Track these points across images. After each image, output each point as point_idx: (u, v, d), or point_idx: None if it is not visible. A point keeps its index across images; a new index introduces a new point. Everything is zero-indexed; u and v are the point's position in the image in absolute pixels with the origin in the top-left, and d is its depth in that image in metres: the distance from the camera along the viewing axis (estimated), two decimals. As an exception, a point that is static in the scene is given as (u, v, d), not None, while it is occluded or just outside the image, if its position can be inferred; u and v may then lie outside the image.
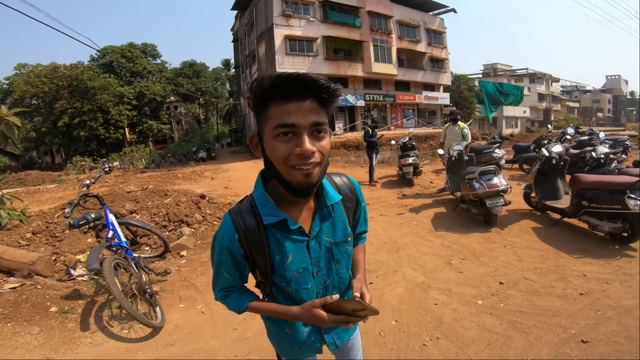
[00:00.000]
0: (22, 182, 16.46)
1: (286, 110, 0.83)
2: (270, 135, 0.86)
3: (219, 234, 1.03)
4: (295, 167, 0.85)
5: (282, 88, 0.83)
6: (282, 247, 0.99)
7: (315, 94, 0.84)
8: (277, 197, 0.98)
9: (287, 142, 0.84)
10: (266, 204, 0.98)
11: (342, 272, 1.11)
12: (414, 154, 8.50)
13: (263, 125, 0.89)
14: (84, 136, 29.11)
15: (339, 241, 1.07)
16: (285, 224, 0.97)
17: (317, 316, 0.93)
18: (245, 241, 0.98)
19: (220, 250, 1.03)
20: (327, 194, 1.03)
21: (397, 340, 2.66)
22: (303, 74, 0.82)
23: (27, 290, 3.37)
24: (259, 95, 0.86)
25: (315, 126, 0.85)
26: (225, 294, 1.11)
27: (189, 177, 12.60)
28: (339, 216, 1.07)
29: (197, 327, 3.02)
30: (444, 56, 28.76)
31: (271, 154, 0.88)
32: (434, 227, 5.17)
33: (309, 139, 0.84)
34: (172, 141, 38.61)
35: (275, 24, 20.25)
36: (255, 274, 1.10)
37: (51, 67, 28.28)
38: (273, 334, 1.22)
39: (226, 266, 1.04)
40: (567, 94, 59.74)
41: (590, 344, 2.41)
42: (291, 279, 1.02)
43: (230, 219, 1.00)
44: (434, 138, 19.27)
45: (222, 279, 1.09)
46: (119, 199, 6.10)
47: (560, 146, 5.20)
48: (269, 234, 0.98)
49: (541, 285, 3.27)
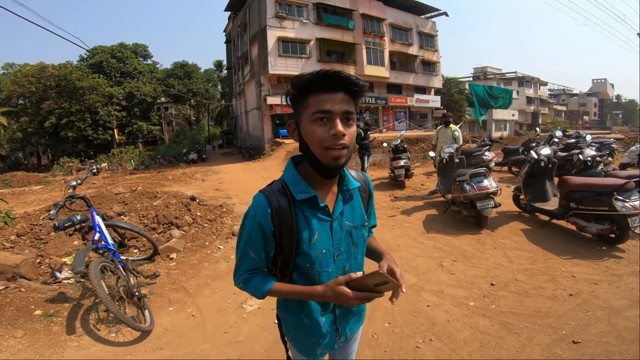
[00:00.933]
0: (8, 184, 16.04)
1: (323, 100, 0.98)
2: (308, 121, 1.00)
3: (252, 211, 1.09)
4: (329, 148, 0.98)
5: (320, 81, 0.98)
6: (309, 224, 1.08)
7: (347, 88, 0.99)
8: (307, 179, 1.09)
9: (322, 126, 0.99)
10: (298, 183, 1.09)
11: (359, 257, 1.19)
12: (405, 156, 8.54)
13: (301, 113, 1.03)
14: (72, 137, 28.59)
15: (358, 225, 1.17)
16: (314, 201, 1.08)
17: (342, 293, 0.98)
18: (277, 218, 1.06)
19: (252, 228, 1.08)
20: (348, 179, 1.16)
21: (390, 342, 2.65)
22: (339, 71, 0.98)
23: (11, 293, 3.27)
24: (300, 87, 1.00)
25: (346, 114, 1.00)
26: (248, 276, 1.15)
27: (179, 179, 12.45)
28: (357, 201, 1.19)
29: (187, 331, 2.97)
30: (435, 59, 29.04)
31: (308, 136, 1.01)
32: (426, 229, 5.19)
33: (340, 123, 0.99)
34: (163, 142, 38.19)
35: (269, 26, 20.21)
36: (276, 262, 1.15)
37: (39, 66, 27.77)
38: (290, 326, 1.25)
39: (254, 244, 1.10)
40: (554, 98, 60.79)
41: (581, 345, 2.43)
42: (315, 260, 1.09)
43: (264, 197, 1.08)
44: (425, 141, 19.40)
45: (247, 260, 1.13)
46: (106, 201, 6.00)
47: (549, 149, 5.27)
48: (298, 211, 1.08)
49: (531, 287, 3.30)
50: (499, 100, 37.38)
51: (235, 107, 30.93)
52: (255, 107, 22.44)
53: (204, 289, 3.71)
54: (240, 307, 3.29)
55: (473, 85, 37.29)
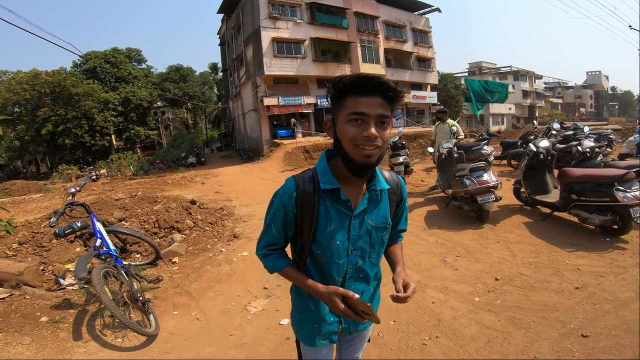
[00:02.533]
0: (7, 192, 15.98)
1: (359, 102, 1.02)
2: (344, 120, 1.05)
3: (280, 192, 1.19)
4: (360, 146, 1.03)
5: (359, 85, 1.03)
6: (328, 214, 1.14)
7: (384, 93, 1.03)
8: (337, 173, 1.15)
9: (357, 126, 1.03)
10: (326, 174, 1.15)
11: (374, 257, 1.24)
12: (404, 153, 8.52)
13: (338, 113, 1.08)
14: (69, 144, 28.39)
15: (379, 226, 1.21)
16: (337, 194, 1.14)
17: (334, 302, 1.08)
18: (301, 202, 1.14)
19: (278, 206, 1.18)
20: (378, 180, 1.19)
21: (396, 340, 2.65)
22: (378, 77, 1.03)
23: (16, 301, 3.26)
24: (340, 89, 1.06)
25: (381, 118, 1.04)
26: (267, 252, 1.25)
27: (178, 182, 12.43)
28: (384, 203, 1.22)
29: (192, 334, 2.97)
30: (430, 55, 29.09)
31: (342, 134, 1.06)
32: (427, 225, 5.18)
33: (374, 126, 1.02)
34: (161, 147, 38.02)
35: (263, 27, 20.18)
36: (296, 244, 1.24)
37: (32, 73, 27.47)
38: (297, 309, 1.34)
39: (277, 222, 1.19)
40: (550, 91, 60.92)
41: (591, 338, 2.41)
42: (327, 249, 1.16)
43: (294, 181, 1.17)
44: (423, 137, 19.45)
45: (269, 234, 1.23)
46: (107, 207, 5.97)
47: (547, 141, 5.26)
48: (320, 200, 1.14)
49: (537, 280, 3.30)
50: (495, 95, 37.44)
51: (232, 109, 30.88)
52: (252, 109, 22.42)
53: (208, 292, 3.70)
54: (244, 309, 3.29)
55: (469, 80, 37.34)
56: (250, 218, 6.39)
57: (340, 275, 1.21)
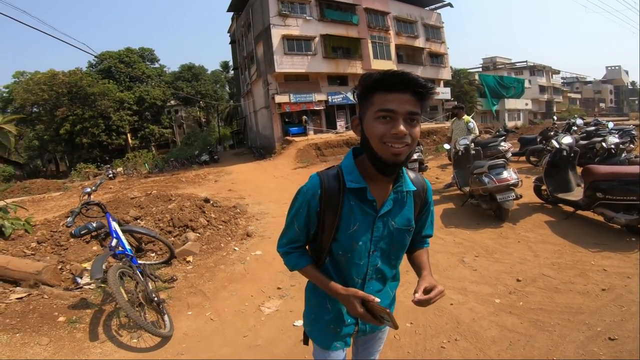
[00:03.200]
0: (28, 191, 16.43)
1: (388, 99, 0.99)
2: (371, 117, 1.02)
3: (304, 189, 1.16)
4: (388, 144, 0.99)
5: (387, 81, 0.99)
6: (352, 214, 1.11)
7: (414, 90, 0.99)
8: (363, 172, 1.11)
9: (385, 124, 0.99)
10: (352, 172, 1.12)
11: (393, 259, 1.21)
12: (418, 149, 8.38)
13: (366, 110, 1.04)
14: (87, 143, 29.05)
15: (402, 228, 1.17)
16: (364, 193, 1.10)
17: (353, 305, 1.07)
18: (325, 200, 1.12)
19: (301, 203, 1.15)
20: (404, 180, 1.15)
21: (413, 343, 2.58)
22: (406, 73, 0.99)
23: (34, 300, 3.30)
24: (367, 86, 1.03)
25: (410, 115, 1.00)
26: (289, 250, 1.23)
27: (192, 180, 12.54)
28: (408, 205, 1.18)
29: (206, 335, 2.95)
30: (442, 51, 28.64)
31: (369, 132, 1.03)
32: (444, 224, 5.07)
33: (403, 123, 0.99)
34: (175, 145, 38.53)
35: (272, 24, 20.16)
36: (315, 242, 1.22)
37: (50, 74, 28.12)
38: (312, 309, 1.31)
39: (300, 219, 1.16)
40: (568, 86, 59.37)
41: (618, 342, 2.32)
42: (348, 249, 1.13)
43: (319, 178, 1.14)
44: (437, 133, 19.14)
45: (291, 231, 1.20)
46: (123, 206, 6.04)
47: (570, 137, 5.08)
48: (345, 199, 1.11)
49: (560, 282, 3.17)
50: (511, 90, 36.65)
51: (244, 107, 31.03)
52: (264, 106, 22.46)
53: (222, 292, 3.69)
54: (258, 310, 3.26)
55: (483, 75, 36.62)
56: (263, 216, 6.37)
57: (360, 276, 1.18)
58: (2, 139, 25.24)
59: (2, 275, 3.69)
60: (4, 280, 3.67)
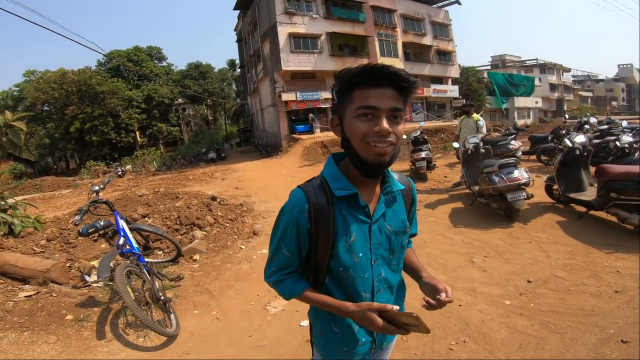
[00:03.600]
0: (38, 188, 16.65)
1: (369, 95, 0.92)
2: (352, 115, 0.95)
3: (289, 206, 1.04)
4: (371, 143, 0.92)
5: (367, 76, 0.92)
6: (347, 225, 1.02)
7: (396, 84, 0.93)
8: (348, 177, 1.04)
9: (367, 122, 0.93)
10: (339, 179, 1.03)
11: (393, 264, 1.12)
12: (426, 147, 8.30)
13: (345, 108, 0.98)
14: (96, 141, 29.40)
15: (399, 231, 1.10)
16: (355, 200, 1.02)
17: (371, 320, 0.94)
18: (314, 215, 1.01)
19: (287, 223, 1.04)
20: (392, 180, 1.09)
21: (420, 344, 2.54)
22: (387, 66, 0.92)
23: (43, 298, 3.33)
24: (346, 81, 0.96)
25: (393, 111, 0.93)
26: (279, 278, 1.11)
27: (199, 178, 12.60)
28: (399, 205, 1.12)
29: (212, 335, 2.95)
30: (450, 49, 28.40)
31: (351, 131, 0.96)
32: (453, 224, 5.00)
33: (386, 120, 0.92)
34: (182, 143, 38.83)
35: (279, 22, 20.15)
36: (309, 263, 1.10)
37: (60, 72, 28.49)
38: (320, 334, 1.18)
39: (289, 241, 1.05)
40: (579, 84, 58.40)
41: (631, 344, 2.27)
42: (350, 264, 1.03)
43: (303, 192, 1.03)
44: (444, 131, 18.96)
45: (279, 257, 1.08)
46: (131, 203, 6.08)
47: (584, 136, 4.97)
48: (336, 210, 1.02)
49: (572, 283, 3.10)
50: (521, 88, 36.20)
51: (251, 105, 31.09)
52: (271, 104, 22.48)
53: (228, 291, 3.68)
54: (264, 309, 3.24)
55: (492, 73, 36.21)
56: (269, 214, 6.36)
57: (368, 290, 1.06)
58: (12, 136, 25.56)
59: (11, 273, 3.73)
60: (13, 278, 3.71)
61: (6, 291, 3.47)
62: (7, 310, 3.13)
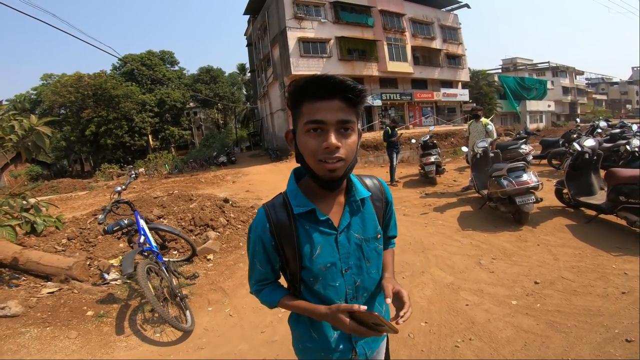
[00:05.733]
0: (55, 190, 17.05)
1: (316, 108, 0.90)
2: (302, 131, 0.94)
3: (253, 226, 1.08)
4: (323, 160, 0.91)
5: (313, 88, 0.91)
6: (310, 238, 1.02)
7: (343, 95, 0.91)
8: (309, 191, 1.04)
9: (316, 137, 0.91)
10: (297, 196, 1.04)
11: (372, 271, 1.11)
12: (435, 152, 8.35)
13: (296, 122, 0.97)
14: (111, 144, 30.01)
15: (369, 237, 1.09)
16: (314, 215, 1.02)
17: (341, 321, 0.94)
18: (276, 232, 1.03)
19: (254, 241, 1.07)
20: (356, 189, 1.07)
21: (427, 342, 2.60)
22: (332, 76, 0.90)
23: (65, 295, 3.48)
24: (294, 95, 0.95)
25: (342, 124, 0.91)
26: (259, 287, 1.15)
27: (211, 181, 12.79)
28: (368, 212, 1.10)
29: (225, 331, 3.05)
30: (460, 52, 28.20)
31: (302, 148, 0.95)
32: (461, 226, 5.05)
33: (335, 135, 0.90)
34: (193, 146, 39.35)
35: (288, 27, 20.34)
36: (285, 273, 1.13)
37: (76, 76, 29.11)
38: (299, 340, 1.19)
39: (259, 257, 1.08)
40: (593, 87, 57.40)
41: (635, 343, 2.31)
42: (319, 274, 1.03)
43: (264, 211, 1.06)
44: (454, 135, 18.90)
45: (256, 271, 1.12)
46: (146, 205, 6.27)
47: (593, 140, 4.96)
48: (298, 225, 1.03)
49: (580, 285, 3.13)
50: (532, 92, 35.75)
51: (261, 109, 31.37)
52: (280, 109, 22.67)
53: (240, 289, 3.79)
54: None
55: (503, 77, 35.85)
56: (280, 217, 6.46)
57: (341, 298, 1.06)
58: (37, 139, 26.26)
59: (34, 270, 3.90)
60: (36, 275, 3.87)
61: (29, 288, 3.61)
62: (31, 306, 3.26)
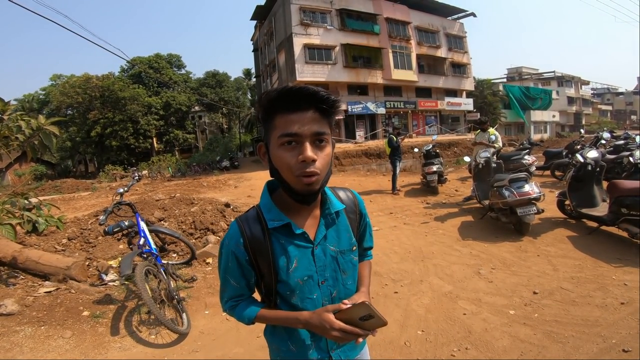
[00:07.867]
0: (58, 190, 17.12)
1: (290, 120, 0.89)
2: (275, 144, 0.92)
3: (226, 240, 1.05)
4: (300, 176, 0.89)
5: (286, 100, 0.89)
6: (286, 252, 1.01)
7: (317, 105, 0.90)
8: (283, 205, 1.02)
9: (291, 150, 0.90)
10: (271, 210, 1.02)
11: (349, 283, 1.11)
12: (438, 161, 8.33)
13: (269, 135, 0.94)
14: (115, 145, 30.13)
15: (345, 250, 1.08)
16: (289, 229, 1.00)
17: (326, 320, 0.92)
18: (250, 247, 1.01)
19: (227, 256, 1.04)
20: (330, 202, 1.07)
21: (423, 350, 2.59)
22: (305, 87, 0.88)
23: (62, 295, 3.48)
24: (266, 107, 0.92)
25: (317, 135, 0.90)
26: (233, 303, 1.10)
27: (213, 185, 12.84)
28: (343, 225, 1.10)
29: (221, 334, 3.05)
30: (465, 61, 28.28)
31: (277, 162, 0.93)
32: (461, 236, 5.03)
33: (310, 147, 0.89)
34: (197, 150, 39.47)
35: (294, 33, 20.53)
36: (260, 288, 1.10)
37: (84, 77, 29.28)
38: (277, 352, 1.14)
39: (232, 272, 1.05)
40: (598, 97, 57.22)
41: (632, 353, 2.30)
42: (295, 287, 1.02)
43: (237, 225, 1.04)
44: (457, 145, 18.88)
45: (229, 287, 1.08)
46: (148, 207, 6.29)
47: (596, 151, 4.95)
48: (273, 239, 1.01)
49: (579, 295, 3.12)
50: (537, 102, 35.68)
51: (265, 115, 31.41)
52: (285, 115, 22.73)
53: (238, 293, 3.78)
54: (272, 312, 3.33)
55: (508, 86, 35.85)
56: (280, 222, 6.47)
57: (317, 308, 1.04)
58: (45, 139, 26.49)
59: (32, 269, 3.89)
60: (34, 274, 3.87)
61: (27, 286, 3.61)
62: (27, 305, 3.26)
